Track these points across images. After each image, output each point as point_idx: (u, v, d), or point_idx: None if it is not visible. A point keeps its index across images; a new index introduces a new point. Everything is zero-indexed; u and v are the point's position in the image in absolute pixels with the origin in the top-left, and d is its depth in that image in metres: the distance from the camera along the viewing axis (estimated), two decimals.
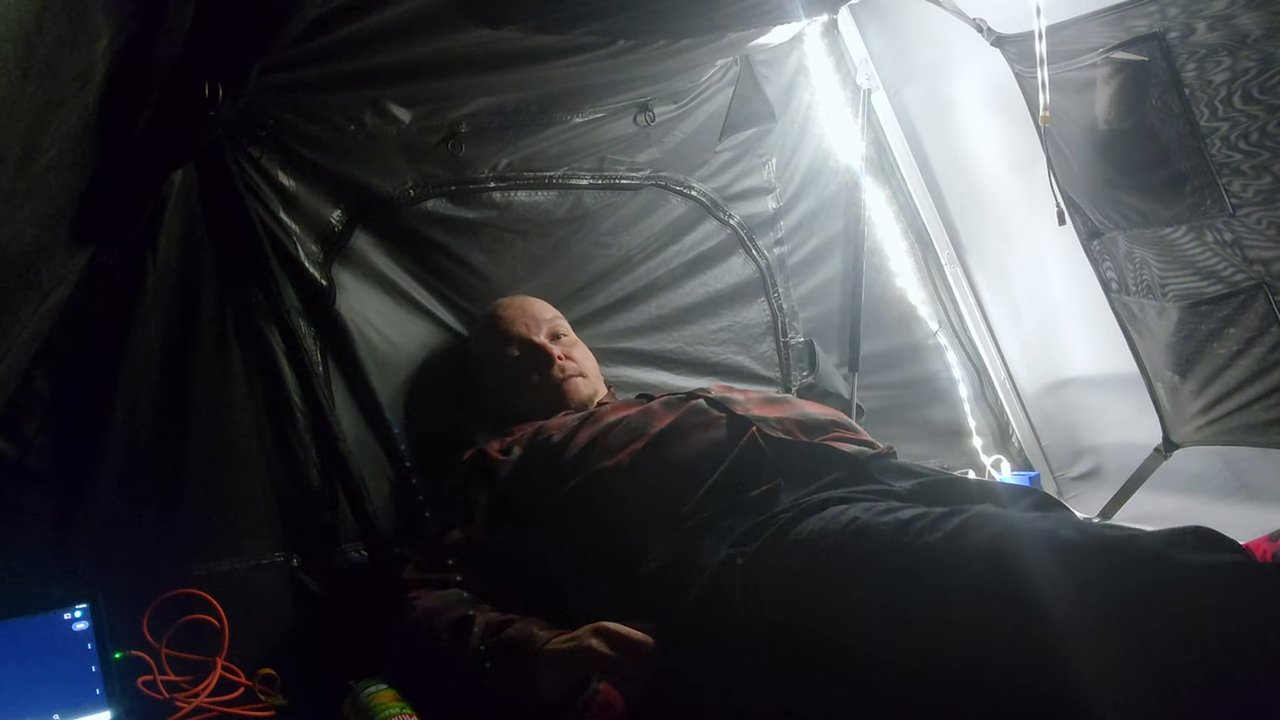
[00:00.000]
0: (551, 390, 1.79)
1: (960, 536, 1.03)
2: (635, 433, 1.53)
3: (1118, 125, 1.70)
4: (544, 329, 1.86)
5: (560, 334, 1.88)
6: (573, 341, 1.89)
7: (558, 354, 1.82)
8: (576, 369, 1.83)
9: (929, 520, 1.08)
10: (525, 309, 1.89)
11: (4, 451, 1.48)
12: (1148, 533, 0.98)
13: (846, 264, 2.35)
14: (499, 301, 1.93)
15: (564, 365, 1.81)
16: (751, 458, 1.44)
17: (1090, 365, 2.25)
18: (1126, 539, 0.98)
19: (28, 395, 1.48)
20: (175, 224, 1.62)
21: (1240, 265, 1.68)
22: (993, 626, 0.96)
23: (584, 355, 1.88)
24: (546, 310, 1.91)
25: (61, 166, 1.05)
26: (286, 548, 1.70)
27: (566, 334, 1.89)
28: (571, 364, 1.83)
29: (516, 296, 1.94)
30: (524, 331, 1.84)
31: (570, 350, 1.86)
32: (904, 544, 1.07)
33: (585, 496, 1.49)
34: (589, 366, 1.87)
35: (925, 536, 1.06)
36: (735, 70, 2.17)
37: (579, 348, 1.89)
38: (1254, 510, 1.92)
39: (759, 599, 1.18)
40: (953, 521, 1.06)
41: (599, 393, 1.85)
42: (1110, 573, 0.95)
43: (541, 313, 1.89)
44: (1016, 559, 0.98)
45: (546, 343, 1.83)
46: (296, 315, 1.76)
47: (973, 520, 1.05)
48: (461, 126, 1.90)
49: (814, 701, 1.10)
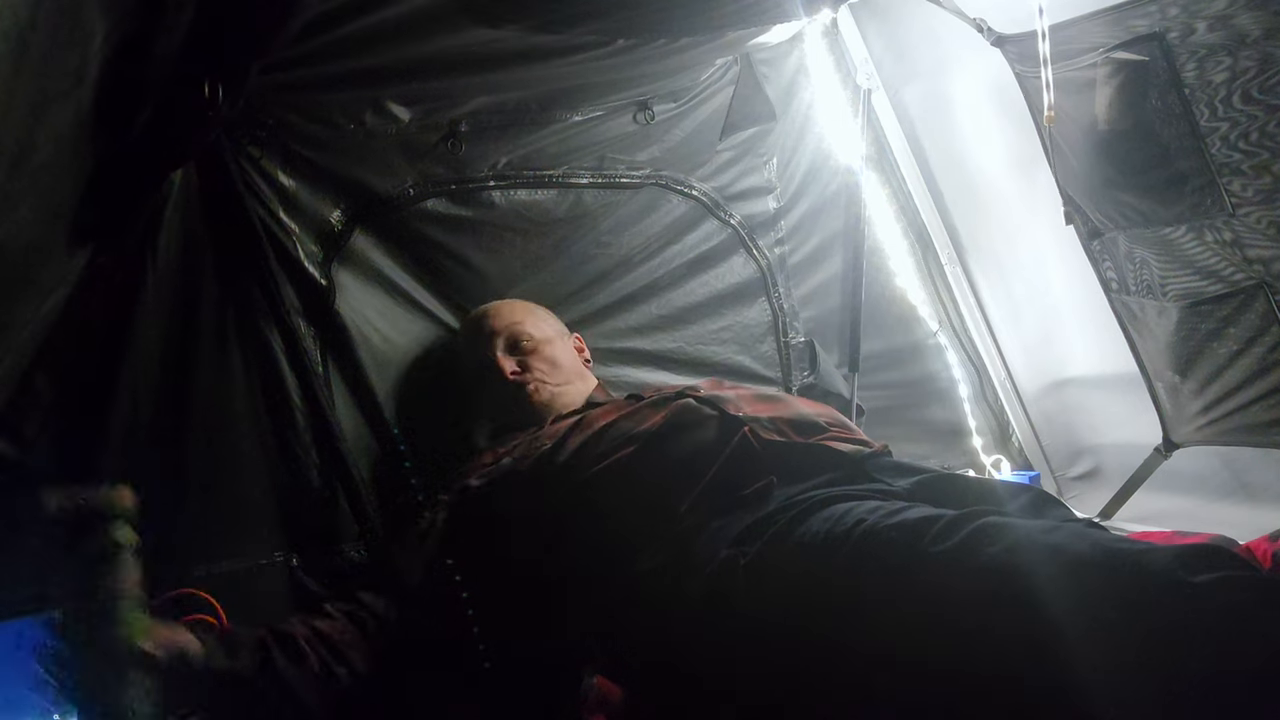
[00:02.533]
0: (517, 402, 1.76)
1: (969, 547, 1.04)
2: (626, 436, 1.52)
3: (1118, 125, 1.70)
4: (500, 341, 1.80)
5: (520, 340, 1.81)
6: (535, 346, 1.81)
7: (510, 369, 1.76)
8: (536, 377, 1.77)
9: (938, 528, 1.08)
10: (481, 324, 1.84)
11: (4, 451, 1.47)
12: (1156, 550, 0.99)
13: (846, 264, 2.35)
14: (468, 316, 1.90)
15: (519, 379, 1.76)
16: (745, 457, 1.44)
17: (1090, 365, 2.25)
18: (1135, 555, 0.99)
19: (28, 395, 1.48)
20: (175, 224, 1.62)
21: (1240, 265, 1.68)
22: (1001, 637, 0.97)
23: (553, 357, 1.81)
24: (509, 317, 1.85)
25: (57, 165, 1.05)
26: (286, 548, 1.70)
27: (530, 337, 1.82)
28: (530, 374, 1.77)
29: (484, 306, 1.90)
30: (479, 348, 1.81)
31: (531, 358, 1.79)
32: (913, 552, 1.07)
33: (579, 500, 1.49)
34: (559, 369, 1.80)
35: (934, 545, 1.06)
36: (735, 69, 2.17)
37: (548, 347, 1.82)
38: (1254, 510, 1.91)
39: (761, 599, 1.18)
40: (962, 531, 1.06)
41: (579, 392, 1.80)
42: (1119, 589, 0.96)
43: (498, 323, 1.83)
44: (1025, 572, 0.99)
45: (500, 357, 1.78)
46: (296, 315, 1.76)
47: (983, 531, 1.05)
48: (461, 125, 1.90)
49: (812, 702, 1.10)
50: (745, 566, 1.21)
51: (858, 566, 1.11)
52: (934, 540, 1.07)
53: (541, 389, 1.77)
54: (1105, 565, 0.98)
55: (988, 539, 1.04)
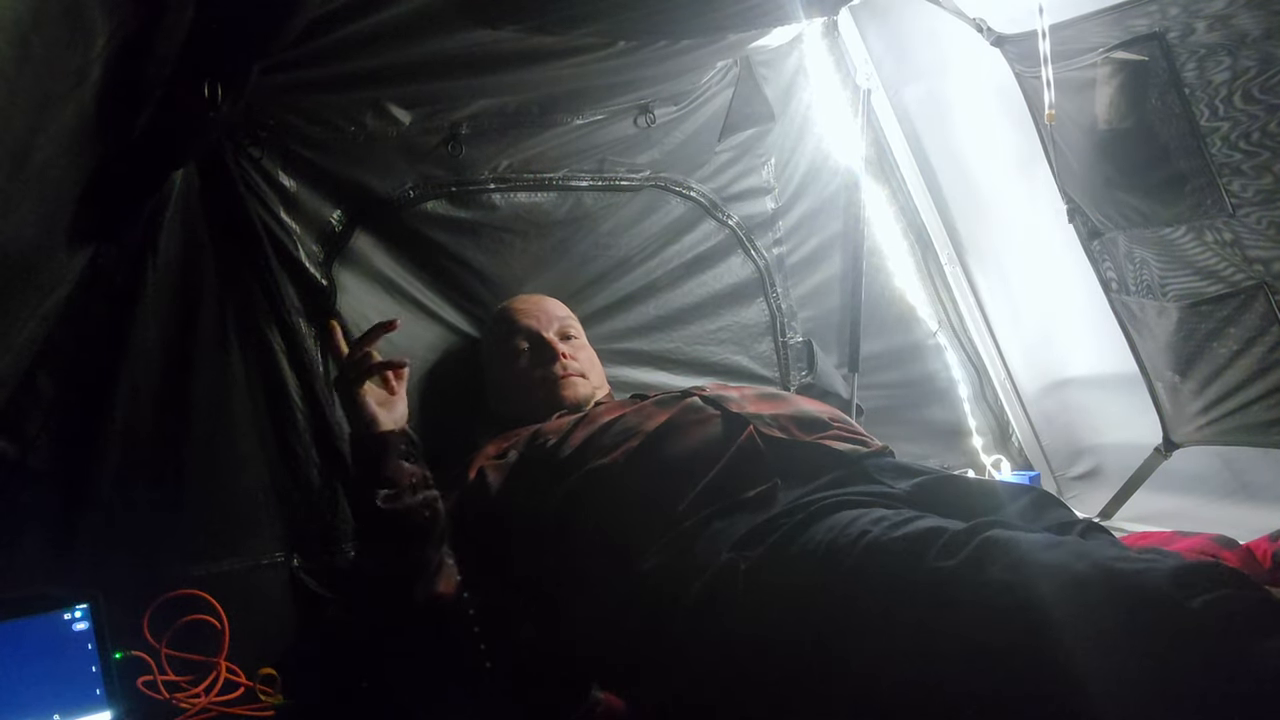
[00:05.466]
0: (551, 385, 1.80)
1: (974, 564, 1.04)
2: (630, 432, 1.53)
3: (1118, 125, 1.70)
4: (554, 326, 1.88)
5: (570, 334, 1.90)
6: (581, 344, 1.91)
7: (562, 350, 1.83)
8: (579, 368, 1.84)
9: (943, 543, 1.08)
10: (540, 305, 1.92)
11: (4, 451, 1.47)
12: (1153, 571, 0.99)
13: (846, 264, 2.35)
14: (518, 295, 1.96)
15: (566, 363, 1.82)
16: (748, 456, 1.44)
17: (1090, 365, 2.25)
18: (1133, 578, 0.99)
19: (29, 395, 1.48)
20: (175, 224, 1.62)
21: (1240, 265, 1.68)
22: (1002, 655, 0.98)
23: (590, 358, 1.89)
24: (561, 309, 1.93)
25: (59, 165, 1.05)
26: (286, 548, 1.70)
27: (577, 335, 1.91)
28: (574, 363, 1.84)
29: (535, 294, 1.96)
30: (534, 325, 1.86)
31: (576, 351, 1.87)
32: (916, 567, 1.08)
33: (581, 496, 1.49)
34: (592, 369, 1.88)
35: (940, 562, 1.06)
36: (735, 71, 2.17)
37: (586, 350, 1.91)
38: (1254, 510, 1.92)
39: (762, 604, 1.18)
40: (968, 548, 1.06)
41: (598, 394, 1.85)
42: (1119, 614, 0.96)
43: (555, 310, 1.92)
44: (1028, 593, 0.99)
45: (554, 338, 1.84)
46: (297, 315, 1.76)
47: (986, 547, 1.06)
48: (462, 128, 1.90)
49: (809, 708, 1.10)
50: (746, 572, 1.21)
51: (860, 579, 1.11)
52: (938, 556, 1.07)
53: (583, 384, 1.82)
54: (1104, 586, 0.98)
55: (990, 557, 1.05)
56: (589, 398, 1.82)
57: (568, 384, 1.80)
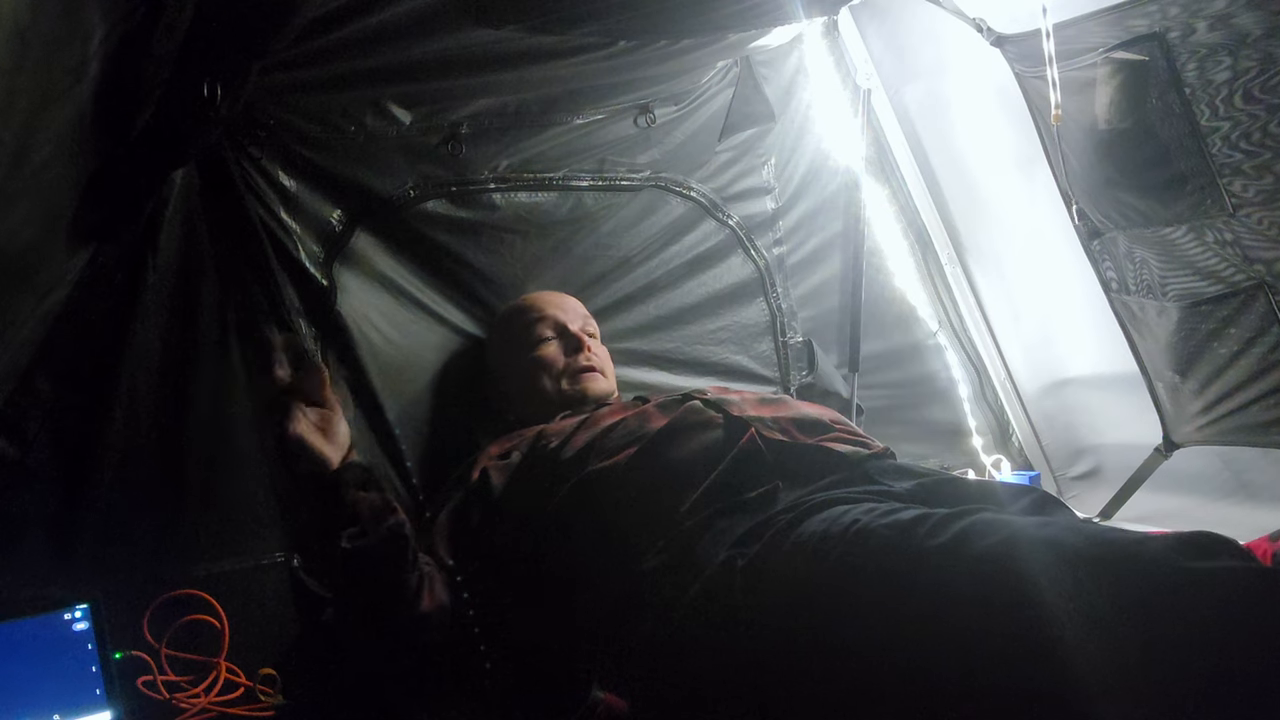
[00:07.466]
0: (575, 375, 1.81)
1: (963, 542, 1.04)
2: (632, 434, 1.53)
3: (1118, 125, 1.70)
4: (579, 322, 1.90)
5: (590, 333, 1.91)
6: (599, 345, 1.92)
7: (588, 344, 1.85)
8: (600, 364, 1.85)
9: (931, 525, 1.08)
10: (565, 299, 1.94)
11: (4, 451, 1.47)
12: (1152, 539, 0.98)
13: (846, 264, 2.35)
14: (538, 291, 1.97)
15: (589, 356, 1.83)
16: (750, 459, 1.44)
17: (1090, 365, 2.25)
18: (1131, 546, 0.98)
19: (28, 395, 1.48)
20: (175, 224, 1.62)
21: (1240, 265, 1.68)
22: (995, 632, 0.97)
23: (607, 359, 1.91)
24: (583, 308, 1.95)
25: (56, 164, 1.05)
26: (286, 548, 1.70)
27: (595, 335, 1.92)
28: (595, 358, 1.85)
29: (548, 292, 1.97)
30: (561, 316, 1.87)
31: (597, 349, 1.89)
32: (906, 548, 1.07)
33: (583, 497, 1.49)
34: (608, 368, 1.89)
35: (928, 541, 1.06)
36: (735, 71, 2.17)
37: (604, 351, 1.92)
38: (1254, 510, 1.92)
39: (759, 600, 1.18)
40: (955, 527, 1.06)
41: (611, 395, 1.85)
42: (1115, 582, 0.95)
43: (579, 308, 1.94)
44: (1020, 566, 0.98)
45: (580, 332, 1.86)
46: (297, 315, 1.76)
47: (975, 526, 1.05)
48: (462, 128, 1.90)
49: (810, 703, 1.10)
50: (743, 569, 1.22)
51: (851, 565, 1.11)
52: (927, 536, 1.07)
53: (603, 380, 1.84)
54: (1100, 558, 0.97)
55: (979, 534, 1.04)
56: (608, 393, 1.83)
57: (591, 377, 1.81)
